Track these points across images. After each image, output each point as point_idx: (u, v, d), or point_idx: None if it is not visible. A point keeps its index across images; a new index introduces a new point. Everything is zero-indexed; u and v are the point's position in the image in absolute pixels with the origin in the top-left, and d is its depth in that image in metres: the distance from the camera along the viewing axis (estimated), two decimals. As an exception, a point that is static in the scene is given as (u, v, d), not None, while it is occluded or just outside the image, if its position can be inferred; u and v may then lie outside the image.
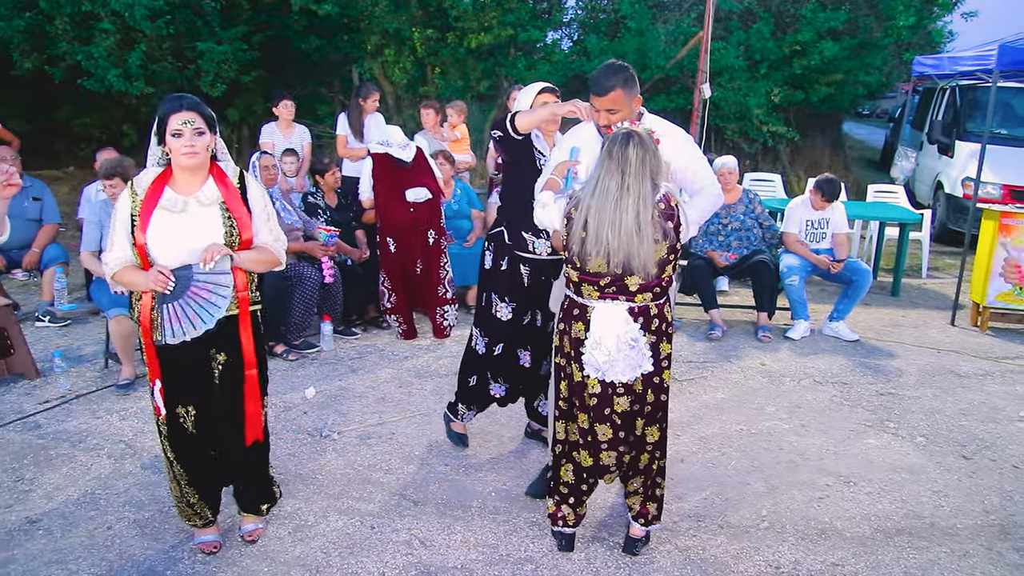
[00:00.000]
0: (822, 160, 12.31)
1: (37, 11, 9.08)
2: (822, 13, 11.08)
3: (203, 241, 2.79)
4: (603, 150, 2.80)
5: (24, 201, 6.11)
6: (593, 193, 2.77)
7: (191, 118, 2.72)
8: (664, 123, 3.27)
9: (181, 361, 2.86)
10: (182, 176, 2.82)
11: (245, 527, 3.24)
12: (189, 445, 2.98)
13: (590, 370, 2.88)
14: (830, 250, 6.14)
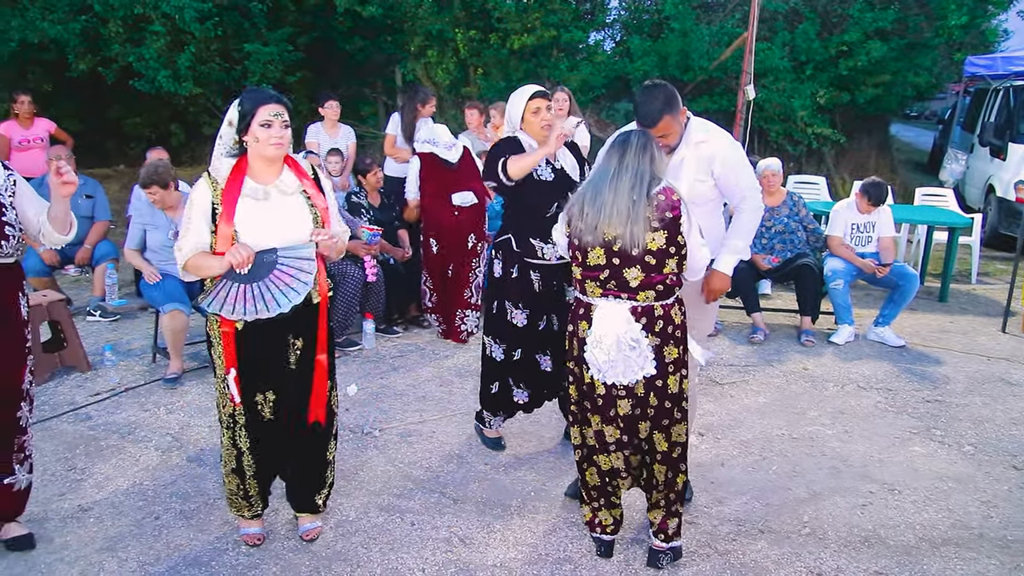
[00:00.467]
0: (868, 163, 12.11)
1: (92, 15, 9.32)
2: (870, 13, 10.90)
3: (293, 229, 2.88)
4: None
5: (78, 198, 6.26)
6: (592, 180, 2.83)
7: (280, 110, 2.81)
8: (709, 126, 3.25)
9: (261, 348, 2.92)
10: (260, 166, 2.88)
11: (303, 526, 3.26)
12: (265, 432, 3.04)
13: (592, 371, 2.86)
14: (876, 254, 6.04)
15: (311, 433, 3.13)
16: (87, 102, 11.09)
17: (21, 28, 9.09)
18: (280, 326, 2.92)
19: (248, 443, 3.04)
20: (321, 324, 3.04)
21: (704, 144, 3.18)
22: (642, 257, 2.72)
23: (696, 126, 3.20)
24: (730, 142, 3.26)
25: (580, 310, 2.91)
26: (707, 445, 4.17)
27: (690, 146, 3.17)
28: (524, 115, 3.61)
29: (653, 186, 2.72)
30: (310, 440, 3.15)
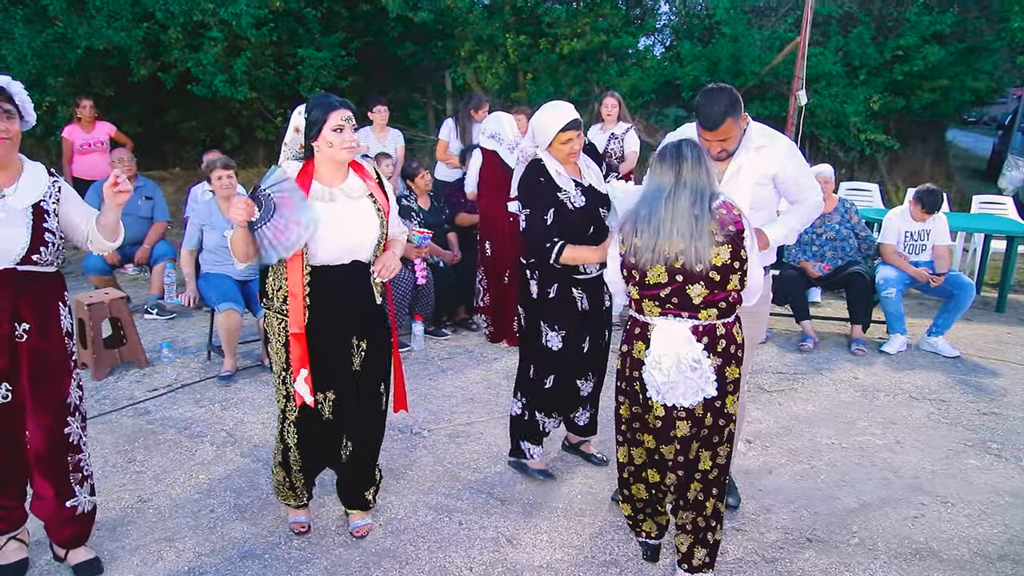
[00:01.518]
0: (923, 170, 11.85)
1: (154, 22, 9.59)
2: (927, 16, 10.68)
3: (361, 232, 2.97)
4: (653, 159, 2.75)
5: (138, 200, 6.46)
6: (645, 198, 2.72)
7: (350, 115, 2.90)
8: (769, 131, 3.24)
9: (324, 349, 2.99)
10: (328, 169, 2.96)
11: (354, 523, 3.34)
12: (320, 431, 3.12)
13: (651, 392, 2.77)
14: (930, 263, 5.93)
15: (370, 430, 3.22)
16: (147, 106, 11.41)
17: (87, 35, 9.40)
18: (344, 328, 3.01)
19: (295, 439, 3.12)
20: (391, 324, 3.19)
21: (765, 149, 3.16)
22: (706, 273, 2.64)
23: (757, 131, 3.19)
24: (791, 147, 3.25)
25: (636, 330, 2.83)
26: (755, 452, 4.15)
27: (750, 151, 3.15)
28: (553, 141, 3.40)
29: (713, 200, 2.66)
30: (367, 436, 3.23)
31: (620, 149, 6.73)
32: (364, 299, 3.05)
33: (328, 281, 2.94)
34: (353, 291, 3.01)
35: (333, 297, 2.95)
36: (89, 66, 10.11)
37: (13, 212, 2.71)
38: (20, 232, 2.71)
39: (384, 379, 3.21)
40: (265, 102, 10.87)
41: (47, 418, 2.85)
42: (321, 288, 2.93)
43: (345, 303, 2.99)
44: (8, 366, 2.76)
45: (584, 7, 11.41)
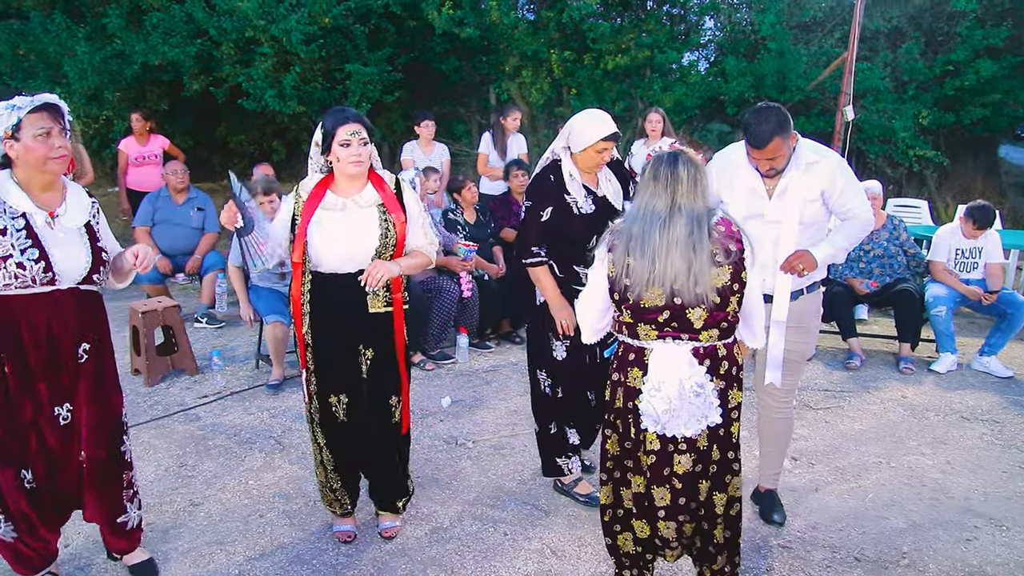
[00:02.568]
0: (974, 186, 11.62)
1: (207, 38, 9.84)
2: (980, 31, 10.50)
3: (361, 239, 3.02)
4: (647, 173, 2.55)
5: (190, 211, 6.64)
6: (637, 217, 2.51)
7: (357, 129, 2.95)
8: (819, 147, 3.24)
9: (333, 355, 3.09)
10: (344, 182, 3.05)
11: (383, 524, 3.41)
12: (340, 433, 3.19)
13: (648, 423, 2.55)
14: (981, 281, 5.82)
15: (386, 441, 3.26)
16: (199, 120, 11.68)
17: (144, 52, 9.68)
18: (348, 335, 3.08)
19: (325, 439, 3.21)
20: (397, 335, 3.16)
21: (815, 165, 3.17)
22: (706, 295, 2.47)
23: (806, 147, 3.20)
24: (840, 163, 3.25)
25: (629, 356, 2.61)
26: (801, 470, 4.11)
27: (800, 168, 3.16)
28: (588, 148, 3.33)
29: (711, 218, 2.50)
30: (386, 448, 3.28)
31: (665, 164, 6.73)
32: (362, 306, 3.07)
33: (325, 288, 3.04)
34: (350, 298, 3.06)
35: (334, 304, 3.04)
36: (144, 81, 10.40)
37: (69, 232, 2.75)
38: (80, 252, 2.75)
39: (395, 392, 3.21)
40: (312, 116, 11.06)
41: (105, 437, 2.90)
42: (324, 294, 3.03)
43: (345, 310, 3.06)
44: (70, 385, 2.79)
45: (628, 23, 11.42)
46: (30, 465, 2.79)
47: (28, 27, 10.26)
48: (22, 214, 2.65)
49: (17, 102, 2.63)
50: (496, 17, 10.80)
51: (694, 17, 11.95)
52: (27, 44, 10.31)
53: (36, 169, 2.66)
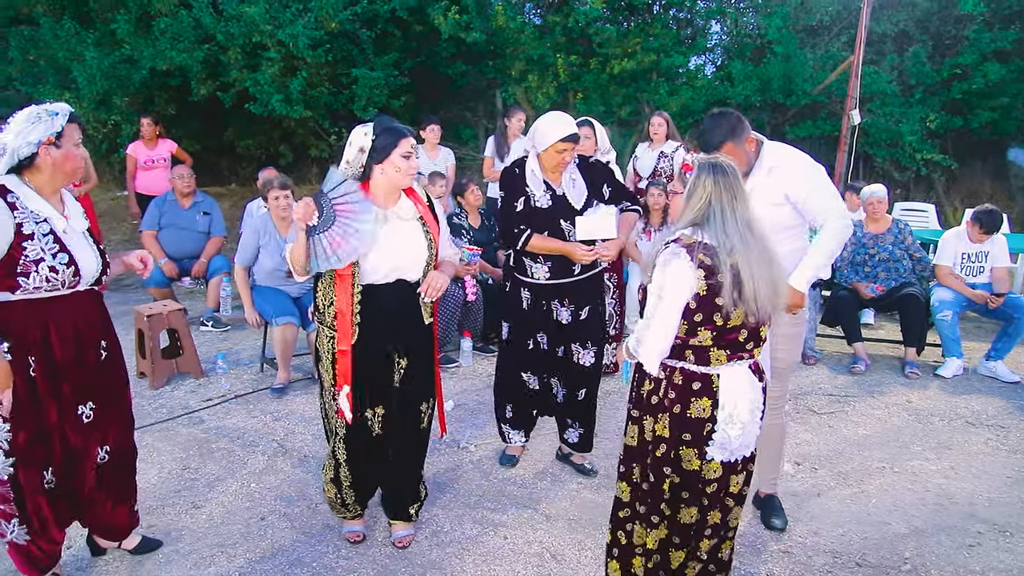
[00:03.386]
0: (982, 190, 11.56)
1: (214, 43, 9.89)
2: (987, 34, 10.46)
3: (410, 253, 3.05)
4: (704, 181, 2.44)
5: (196, 215, 6.66)
6: (725, 230, 2.38)
7: (415, 143, 3.02)
8: (784, 151, 3.21)
9: (372, 365, 3.07)
10: (383, 192, 3.04)
11: (396, 533, 3.39)
12: (370, 447, 3.18)
13: (717, 453, 2.47)
14: (988, 285, 5.79)
15: (411, 447, 3.28)
16: (206, 125, 11.74)
17: (152, 57, 9.74)
18: (386, 345, 3.08)
19: (345, 455, 3.18)
20: (435, 343, 3.24)
21: (778, 169, 3.14)
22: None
23: (770, 151, 3.17)
24: (806, 165, 3.18)
25: (693, 385, 2.44)
26: (804, 475, 4.09)
27: (763, 171, 3.15)
28: (549, 148, 3.54)
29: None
30: (410, 454, 3.30)
31: (670, 167, 6.73)
32: (411, 318, 3.10)
33: (376, 300, 3.01)
34: (399, 310, 3.06)
35: (381, 315, 3.02)
36: (152, 86, 10.46)
37: (79, 235, 2.81)
38: (92, 254, 2.81)
39: (426, 399, 3.26)
40: (319, 121, 11.11)
41: (119, 432, 3.01)
42: (370, 306, 3.01)
43: (393, 321, 3.05)
44: (92, 383, 2.86)
45: (635, 27, 11.44)
46: (52, 465, 2.84)
47: (38, 33, 10.33)
48: (44, 219, 2.69)
49: (56, 108, 2.69)
50: (502, 22, 10.84)
51: (700, 21, 11.95)
52: (37, 50, 10.38)
53: (65, 176, 2.74)
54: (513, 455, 4.16)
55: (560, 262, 3.69)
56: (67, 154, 2.70)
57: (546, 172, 3.66)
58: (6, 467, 2.74)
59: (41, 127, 2.64)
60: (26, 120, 2.64)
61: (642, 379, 2.56)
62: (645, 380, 2.54)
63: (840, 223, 3.15)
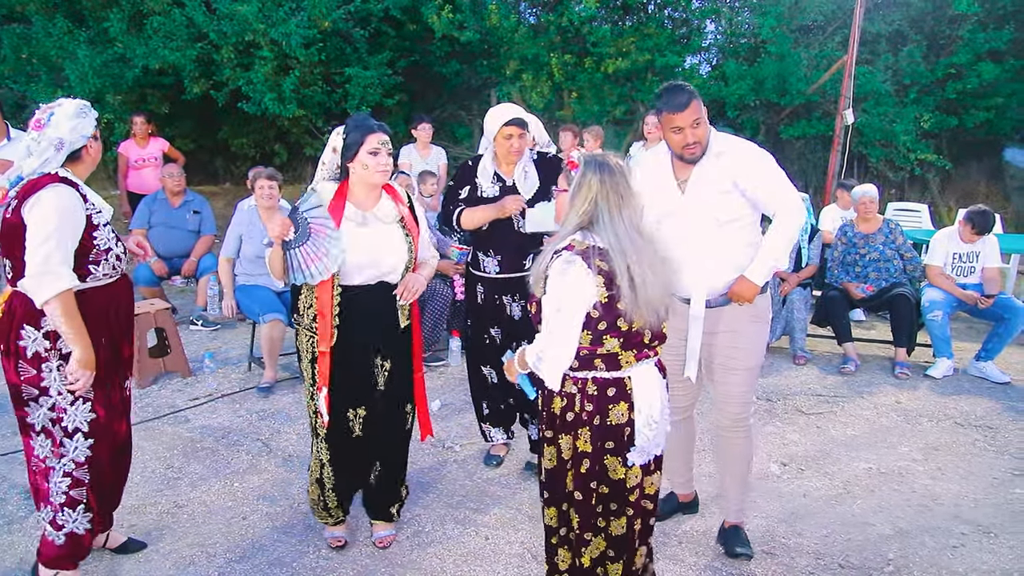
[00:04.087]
0: (977, 190, 11.57)
1: (207, 42, 9.88)
2: (982, 34, 10.47)
3: (390, 255, 3.03)
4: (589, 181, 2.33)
5: (186, 214, 6.64)
6: (615, 232, 2.29)
7: (386, 139, 2.96)
8: (731, 139, 3.08)
9: (352, 367, 3.05)
10: (362, 191, 3.02)
11: (377, 533, 3.37)
12: (351, 448, 3.16)
13: (636, 457, 2.40)
14: (978, 285, 5.78)
15: (394, 449, 3.27)
16: (199, 123, 11.73)
17: (145, 55, 9.73)
18: (368, 349, 3.06)
19: (328, 456, 3.16)
20: (416, 345, 3.20)
21: (724, 155, 2.99)
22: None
23: (717, 139, 3.04)
24: (755, 152, 3.04)
25: (608, 391, 2.36)
26: (789, 475, 4.08)
27: (711, 157, 3.00)
28: (497, 135, 3.64)
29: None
30: (392, 455, 3.28)
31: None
32: (390, 320, 3.09)
33: (356, 301, 3.00)
34: (380, 312, 3.06)
35: (360, 317, 3.01)
36: (145, 84, 10.45)
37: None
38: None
39: (409, 400, 3.25)
40: (313, 119, 11.10)
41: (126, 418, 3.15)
42: (349, 308, 2.99)
43: (372, 323, 3.04)
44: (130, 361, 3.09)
45: (630, 27, 11.44)
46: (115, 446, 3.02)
47: (31, 31, 10.32)
48: (100, 209, 2.83)
49: (86, 103, 2.84)
50: (496, 21, 10.83)
51: (695, 21, 11.95)
52: (29, 48, 10.37)
53: (93, 168, 2.90)
54: (498, 455, 4.14)
55: (510, 257, 3.74)
56: (97, 148, 2.88)
57: (500, 164, 3.75)
58: (84, 448, 2.85)
59: (88, 121, 2.79)
60: (76, 115, 2.76)
61: (550, 397, 2.43)
62: (555, 398, 2.42)
63: (794, 209, 3.00)
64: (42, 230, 2.62)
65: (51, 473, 2.85)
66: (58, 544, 2.87)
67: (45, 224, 2.62)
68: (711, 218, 3.00)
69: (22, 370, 2.76)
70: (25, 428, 2.85)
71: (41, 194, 2.64)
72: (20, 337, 2.73)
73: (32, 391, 2.77)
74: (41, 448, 2.85)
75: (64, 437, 2.82)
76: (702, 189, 3.01)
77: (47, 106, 2.78)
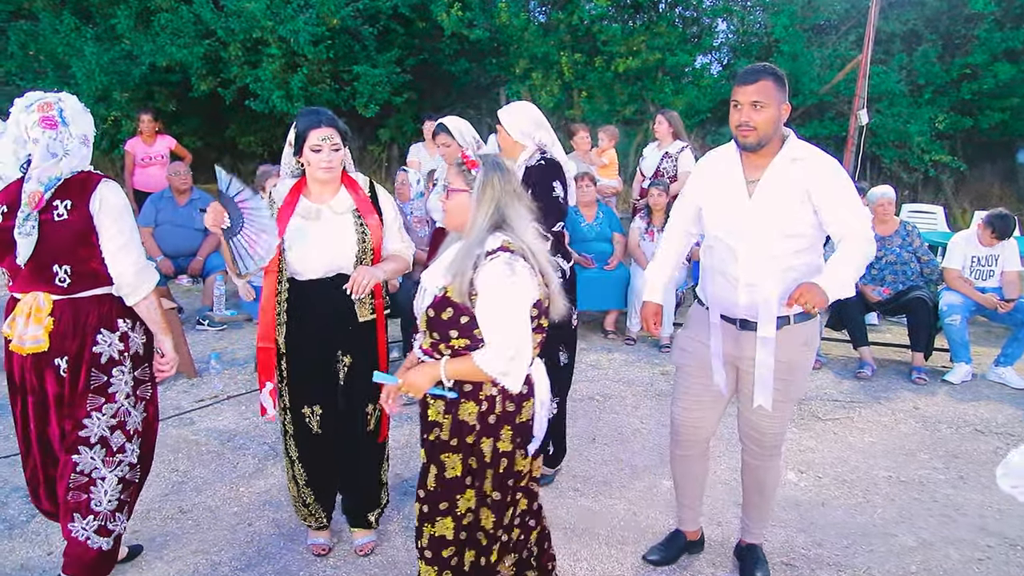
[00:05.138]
0: (991, 192, 11.45)
1: (215, 39, 9.83)
2: (998, 33, 10.34)
3: (338, 247, 2.92)
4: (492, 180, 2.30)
5: (193, 212, 6.57)
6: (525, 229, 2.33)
7: (329, 134, 2.84)
8: (810, 149, 2.80)
9: (308, 363, 2.98)
10: (316, 186, 2.95)
11: (357, 541, 3.29)
12: (313, 445, 3.08)
13: (534, 445, 2.44)
14: (997, 289, 5.67)
15: (361, 450, 3.16)
16: (207, 121, 11.69)
17: (152, 52, 9.69)
18: (327, 342, 2.97)
19: (297, 453, 3.10)
20: (380, 342, 3.08)
21: (800, 161, 2.71)
22: None
23: (797, 144, 2.76)
24: (832, 166, 2.74)
25: (523, 388, 2.35)
26: (807, 483, 3.98)
27: (784, 159, 2.72)
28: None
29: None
30: (361, 457, 3.17)
31: (673, 168, 6.62)
32: (345, 315, 2.97)
33: (309, 295, 2.93)
34: (334, 305, 2.95)
35: (314, 311, 2.93)
36: (152, 82, 10.41)
37: None
38: None
39: (372, 400, 3.07)
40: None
41: None
42: (302, 302, 2.93)
43: (326, 317, 2.95)
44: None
45: (640, 25, 11.35)
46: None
47: (38, 28, 10.29)
48: None
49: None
50: (506, 19, 10.75)
51: (707, 19, 11.86)
52: (36, 45, 10.34)
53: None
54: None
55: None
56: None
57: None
58: (136, 448, 2.82)
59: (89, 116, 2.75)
60: (84, 111, 2.71)
61: (455, 404, 2.32)
62: (466, 403, 2.32)
63: (865, 238, 2.69)
64: (124, 227, 2.61)
65: (97, 484, 2.71)
66: (105, 549, 2.75)
67: (123, 220, 2.61)
68: (776, 229, 2.70)
69: (93, 378, 2.65)
70: (75, 443, 2.67)
71: (102, 192, 2.59)
72: (95, 343, 2.64)
73: (98, 400, 2.67)
74: (91, 461, 2.69)
75: (126, 441, 2.76)
76: (773, 193, 2.71)
77: (46, 102, 2.62)
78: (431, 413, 2.39)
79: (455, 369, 2.30)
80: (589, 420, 4.68)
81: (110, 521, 2.75)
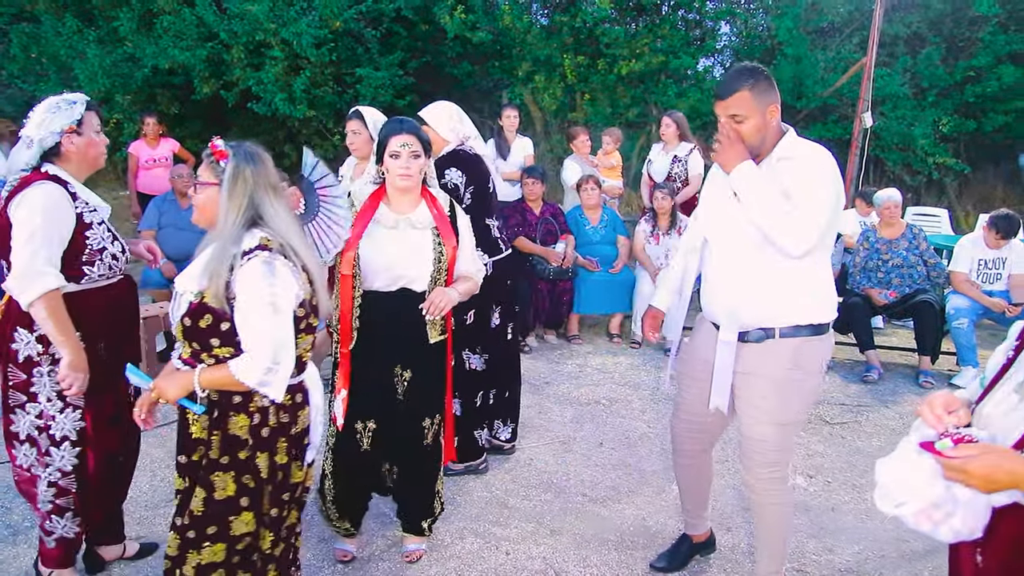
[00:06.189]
0: (995, 194, 11.42)
1: (217, 42, 9.82)
2: (1002, 36, 10.32)
3: (414, 261, 2.88)
4: (244, 172, 2.17)
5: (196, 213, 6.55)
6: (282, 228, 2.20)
7: (409, 141, 2.81)
8: (805, 148, 2.61)
9: (368, 376, 2.92)
10: (396, 196, 2.90)
11: (406, 547, 3.24)
12: (357, 462, 3.02)
13: (311, 454, 2.42)
14: (1005, 292, 5.65)
15: (417, 463, 3.10)
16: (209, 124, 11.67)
17: (154, 55, 9.68)
18: (387, 356, 2.92)
19: (331, 467, 3.05)
20: (448, 362, 3.07)
21: (785, 161, 2.57)
22: None
23: (789, 143, 2.61)
24: (813, 163, 2.56)
25: (296, 398, 2.25)
26: (816, 488, 3.96)
27: (771, 162, 2.59)
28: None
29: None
30: (416, 469, 3.12)
31: (684, 171, 6.58)
32: (412, 332, 2.92)
33: (377, 307, 2.88)
34: (400, 320, 2.90)
35: (379, 324, 2.89)
36: (155, 84, 10.40)
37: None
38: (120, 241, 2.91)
39: (430, 415, 3.04)
40: (324, 120, 11.03)
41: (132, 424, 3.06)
42: (370, 313, 2.88)
43: (391, 332, 2.90)
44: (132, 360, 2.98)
45: (643, 28, 11.33)
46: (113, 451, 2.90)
47: (40, 30, 10.28)
48: (94, 208, 2.73)
49: (74, 98, 2.71)
50: (509, 21, 10.73)
51: (710, 22, 11.84)
52: (39, 47, 10.33)
53: (89, 165, 2.75)
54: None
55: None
56: (89, 141, 2.71)
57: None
58: (71, 458, 2.76)
59: (61, 116, 2.65)
60: (46, 111, 2.65)
61: (222, 419, 2.15)
62: (235, 417, 2.15)
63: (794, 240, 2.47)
64: (26, 229, 2.52)
65: (37, 481, 2.76)
66: (49, 547, 2.83)
67: (29, 222, 2.53)
68: (755, 232, 2.57)
69: (11, 375, 2.66)
70: (8, 437, 2.74)
71: (26, 192, 2.56)
72: (12, 340, 2.64)
73: (20, 397, 2.68)
74: (25, 458, 2.74)
75: (51, 446, 2.72)
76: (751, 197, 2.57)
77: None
78: (194, 431, 2.19)
79: (210, 378, 2.11)
80: (596, 424, 4.66)
81: (47, 521, 2.79)
